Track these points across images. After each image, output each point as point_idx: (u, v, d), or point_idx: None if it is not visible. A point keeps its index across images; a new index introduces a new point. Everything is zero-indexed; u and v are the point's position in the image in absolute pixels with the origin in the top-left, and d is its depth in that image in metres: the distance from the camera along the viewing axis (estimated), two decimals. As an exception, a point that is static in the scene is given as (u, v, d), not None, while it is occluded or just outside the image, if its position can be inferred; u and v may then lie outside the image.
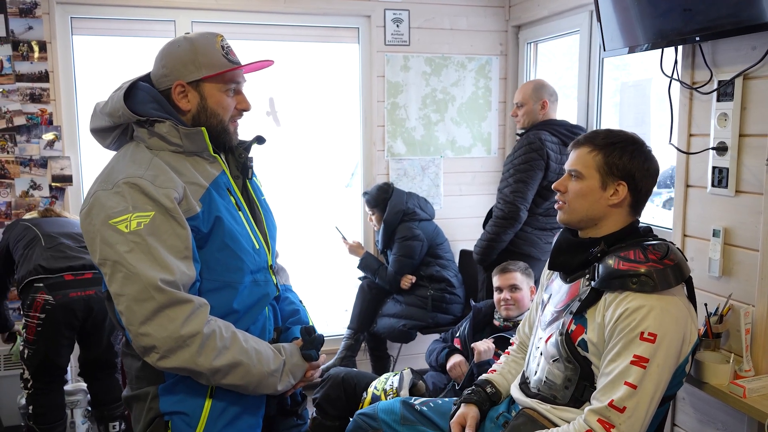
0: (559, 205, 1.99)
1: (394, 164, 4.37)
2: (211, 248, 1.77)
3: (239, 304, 1.82)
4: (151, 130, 1.76)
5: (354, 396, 3.08)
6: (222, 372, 1.68)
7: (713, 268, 2.44)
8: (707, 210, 2.49)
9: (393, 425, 2.28)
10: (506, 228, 3.43)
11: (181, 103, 1.80)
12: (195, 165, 1.80)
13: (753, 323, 2.30)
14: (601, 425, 1.71)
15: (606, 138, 1.92)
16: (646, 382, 1.71)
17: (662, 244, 1.87)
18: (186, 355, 1.63)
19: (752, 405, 2.12)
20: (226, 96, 1.83)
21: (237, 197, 1.88)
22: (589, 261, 1.93)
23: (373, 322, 4.17)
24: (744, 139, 2.32)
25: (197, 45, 1.79)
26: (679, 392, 2.65)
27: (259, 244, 1.90)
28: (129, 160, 1.74)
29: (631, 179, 1.89)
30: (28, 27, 3.58)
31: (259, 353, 1.76)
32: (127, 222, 1.61)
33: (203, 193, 1.76)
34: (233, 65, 1.82)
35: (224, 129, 1.85)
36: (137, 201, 1.64)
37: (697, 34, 2.32)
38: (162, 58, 1.82)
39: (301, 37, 4.21)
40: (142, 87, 1.79)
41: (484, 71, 4.47)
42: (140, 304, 1.59)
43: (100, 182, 1.72)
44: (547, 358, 1.95)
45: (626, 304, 1.76)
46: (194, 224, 1.71)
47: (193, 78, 1.78)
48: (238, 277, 1.81)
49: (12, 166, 3.64)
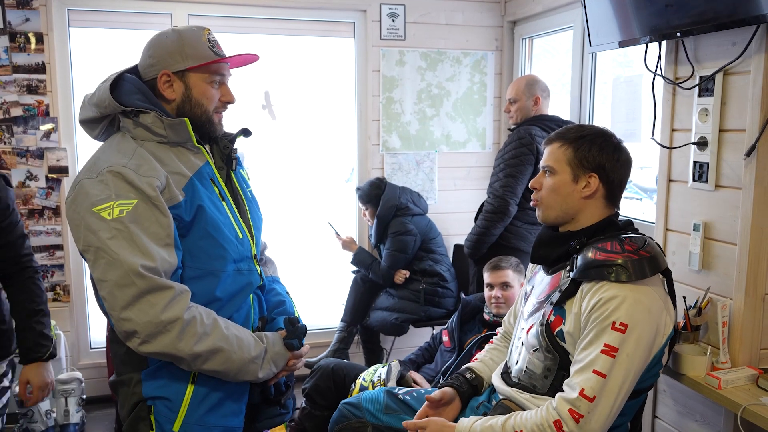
0: (534, 202, 2.03)
1: (389, 158, 4.39)
2: (193, 236, 1.80)
3: (222, 292, 1.85)
4: (136, 120, 1.80)
5: (343, 387, 3.11)
6: (202, 357, 1.71)
7: (693, 262, 2.46)
8: (688, 204, 2.51)
9: (376, 414, 2.31)
10: (496, 222, 3.46)
11: (166, 93, 1.84)
12: (179, 155, 1.84)
13: (730, 316, 2.32)
14: (571, 415, 1.73)
15: (576, 132, 1.96)
16: (615, 371, 1.72)
17: (640, 237, 1.90)
18: (166, 340, 1.66)
19: (727, 396, 2.14)
20: (210, 87, 1.87)
21: (221, 187, 1.92)
22: (569, 253, 1.96)
23: (366, 316, 4.20)
24: (724, 134, 2.34)
25: (184, 36, 1.84)
26: (659, 385, 2.69)
27: (243, 233, 1.93)
28: (114, 150, 1.78)
29: (602, 170, 1.92)
30: (25, 18, 3.61)
31: (240, 340, 1.79)
32: (110, 209, 1.65)
33: (186, 182, 1.80)
34: (217, 57, 1.86)
35: (208, 119, 1.89)
36: (120, 189, 1.67)
37: (678, 30, 2.34)
38: (149, 48, 1.87)
39: (296, 31, 4.23)
40: (128, 78, 1.84)
41: (480, 66, 4.49)
42: (121, 290, 1.63)
43: (85, 171, 1.75)
44: (528, 348, 1.98)
45: (601, 294, 1.79)
46: (177, 212, 1.75)
47: (179, 68, 1.82)
48: (221, 265, 1.84)
49: (9, 156, 3.68)
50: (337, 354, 4.14)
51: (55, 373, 3.64)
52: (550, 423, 1.76)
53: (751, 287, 2.28)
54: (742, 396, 2.14)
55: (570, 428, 1.73)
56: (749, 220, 2.24)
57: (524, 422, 1.81)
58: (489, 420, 1.90)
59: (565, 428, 1.74)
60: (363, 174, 4.40)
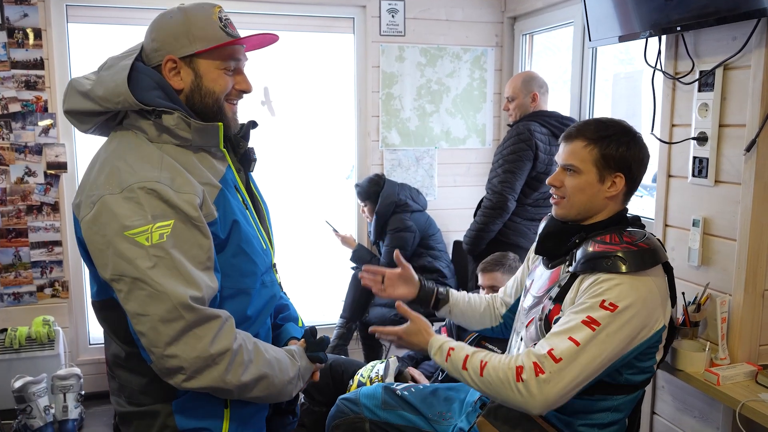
0: (556, 200, 1.98)
1: (389, 155, 4.38)
2: (226, 254, 1.62)
3: (252, 310, 1.69)
4: (157, 122, 1.56)
5: (341, 383, 3.10)
6: (249, 386, 1.57)
7: (692, 258, 2.46)
8: (688, 200, 2.50)
9: (374, 410, 2.31)
10: (495, 218, 3.45)
11: (173, 81, 1.60)
12: (202, 161, 1.62)
13: (729, 312, 2.32)
14: (534, 367, 1.70)
15: (598, 130, 1.90)
16: (591, 345, 1.69)
17: (639, 231, 1.89)
18: (215, 374, 1.50)
19: (725, 392, 2.14)
20: (224, 74, 1.63)
21: (243, 194, 1.73)
22: (569, 248, 1.95)
23: (365, 312, 4.19)
24: (723, 130, 2.33)
25: (191, 16, 1.60)
26: (658, 381, 2.69)
27: (265, 242, 1.76)
28: (136, 158, 1.53)
29: (628, 170, 1.89)
30: (24, 14, 3.60)
31: (279, 362, 1.65)
32: (147, 234, 1.44)
33: (217, 194, 1.59)
34: (230, 38, 1.62)
35: (219, 110, 1.65)
36: (156, 209, 1.45)
37: (678, 24, 2.33)
38: (152, 30, 1.63)
39: (296, 27, 4.21)
40: (143, 69, 1.59)
41: (480, 62, 4.47)
42: (168, 325, 1.44)
43: (104, 184, 1.49)
44: (527, 343, 1.97)
45: (596, 276, 1.78)
46: (213, 230, 1.55)
47: (186, 53, 1.58)
48: (252, 282, 1.68)
49: (7, 152, 3.67)
50: (336, 350, 4.13)
51: (54, 369, 3.66)
52: (511, 366, 1.74)
53: (751, 283, 2.27)
54: (740, 392, 2.13)
55: (527, 377, 1.70)
56: (749, 216, 2.23)
57: (490, 358, 1.80)
58: (462, 344, 1.91)
59: (524, 375, 1.71)
60: (362, 170, 4.39)
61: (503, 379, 1.74)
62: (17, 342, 3.64)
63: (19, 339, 3.64)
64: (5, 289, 3.76)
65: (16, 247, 3.76)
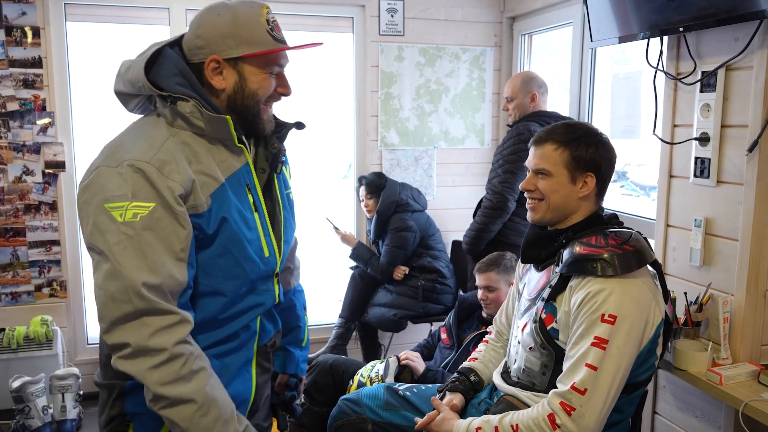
0: (533, 204, 2.01)
1: (388, 154, 4.38)
2: (212, 252, 1.58)
3: (225, 314, 1.65)
4: (173, 108, 1.55)
5: (342, 383, 3.11)
6: (166, 402, 1.46)
7: (694, 258, 2.46)
8: (689, 200, 2.51)
9: (376, 410, 2.31)
10: (494, 218, 3.45)
11: (214, 81, 1.58)
12: (216, 153, 1.60)
13: (731, 312, 2.32)
14: (562, 407, 1.74)
15: (567, 133, 1.96)
16: (607, 363, 1.73)
17: (625, 232, 1.92)
18: (141, 366, 1.44)
19: (728, 392, 2.14)
20: (268, 77, 1.61)
21: (256, 195, 1.68)
22: (556, 249, 1.97)
23: (364, 312, 4.19)
24: (725, 130, 2.33)
25: (240, 16, 1.56)
26: (659, 380, 2.69)
27: (270, 250, 1.70)
28: (141, 138, 1.54)
29: (597, 170, 1.94)
30: (22, 12, 3.58)
31: (218, 407, 1.52)
32: (122, 211, 1.44)
33: (216, 188, 1.56)
34: (279, 45, 1.59)
35: (258, 113, 1.64)
36: (138, 188, 1.45)
37: (680, 25, 2.34)
38: (198, 26, 1.58)
39: (294, 26, 4.20)
40: (170, 56, 1.57)
41: (479, 62, 4.47)
42: (116, 305, 1.43)
43: (105, 156, 1.52)
44: (524, 347, 1.99)
45: (588, 288, 1.80)
46: (198, 222, 1.53)
47: (232, 55, 1.56)
48: (234, 286, 1.63)
49: (5, 151, 3.65)
50: (335, 350, 4.13)
51: (52, 368, 3.64)
52: (544, 417, 1.76)
53: (753, 283, 2.28)
54: (743, 392, 2.14)
55: (563, 420, 1.73)
56: (751, 216, 2.24)
57: (520, 418, 1.82)
58: (486, 416, 1.92)
59: (558, 421, 1.74)
60: (361, 170, 4.38)
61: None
62: (15, 342, 3.62)
63: (17, 339, 3.63)
64: (3, 289, 3.74)
65: (13, 247, 3.74)
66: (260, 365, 1.81)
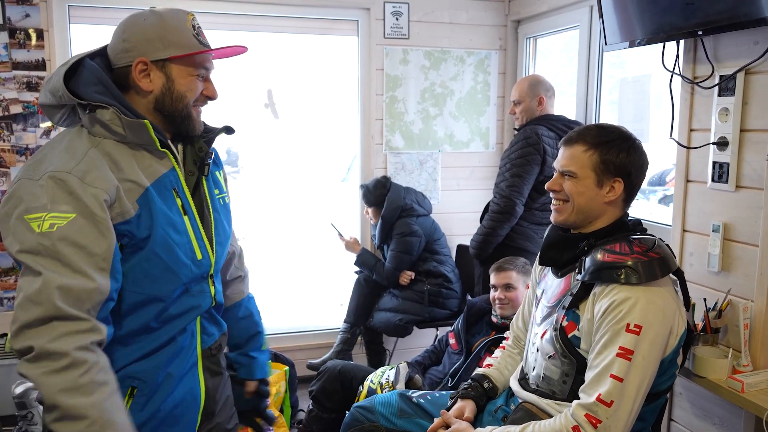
0: (558, 206, 1.97)
1: (392, 158, 4.35)
2: (142, 257, 1.59)
3: (159, 317, 1.65)
4: (92, 116, 1.56)
5: (350, 389, 3.08)
6: (58, 413, 1.39)
7: (712, 263, 2.44)
8: (707, 205, 2.49)
9: (390, 418, 2.27)
10: (502, 222, 3.43)
11: (142, 83, 1.61)
12: (139, 159, 1.61)
13: (752, 318, 2.30)
14: (588, 420, 1.71)
15: (599, 135, 1.91)
16: (632, 374, 1.70)
17: (649, 239, 1.88)
18: (40, 369, 1.39)
19: (750, 400, 2.12)
20: (196, 80, 1.66)
21: (184, 198, 1.69)
22: (577, 255, 1.94)
23: (369, 316, 4.16)
24: (745, 134, 2.32)
25: (166, 21, 1.61)
26: (675, 387, 2.67)
27: (203, 252, 1.71)
28: (63, 149, 1.55)
29: (627, 176, 1.90)
30: (25, 14, 3.55)
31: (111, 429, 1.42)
32: (40, 222, 1.44)
33: (141, 193, 1.58)
34: (204, 48, 1.66)
35: (188, 115, 1.68)
36: (57, 199, 1.46)
37: (699, 29, 2.32)
38: (124, 31, 1.62)
39: (299, 29, 4.18)
40: (89, 66, 1.59)
41: (483, 66, 4.46)
42: (30, 307, 1.41)
43: (28, 168, 1.54)
44: (543, 355, 1.95)
45: (612, 296, 1.77)
46: (127, 229, 1.54)
47: (159, 57, 1.60)
48: (167, 290, 1.64)
49: (8, 154, 3.61)
50: (340, 355, 4.10)
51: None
52: (568, 429, 1.73)
53: (773, 289, 2.26)
54: (766, 399, 2.12)
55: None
56: (771, 221, 2.22)
57: (542, 429, 1.79)
58: (506, 427, 1.88)
59: None
60: (366, 173, 4.36)
61: None
62: (18, 348, 3.57)
63: (20, 345, 3.58)
64: (5, 293, 3.70)
65: (16, 251, 3.69)
66: (208, 369, 1.81)
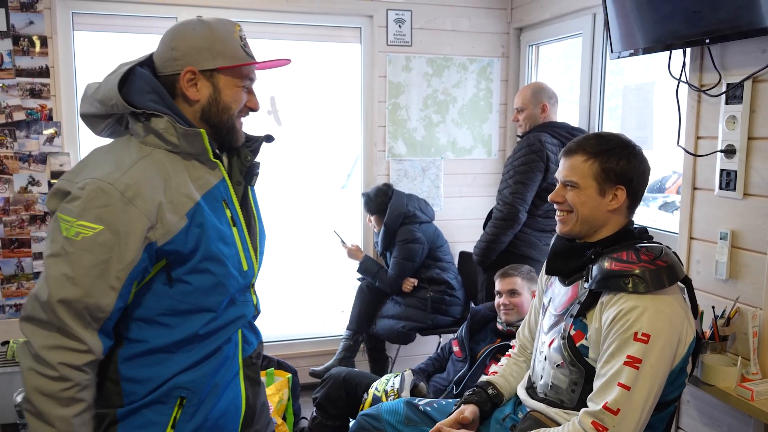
0: (562, 216, 1.97)
1: (395, 165, 4.35)
2: (189, 269, 1.59)
3: (207, 327, 1.65)
4: (146, 125, 1.56)
5: (355, 396, 3.07)
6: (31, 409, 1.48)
7: (720, 271, 2.44)
8: (714, 212, 2.49)
9: (397, 426, 2.27)
10: (505, 229, 3.42)
11: (189, 92, 1.61)
12: (191, 170, 1.61)
13: (760, 326, 2.30)
14: (595, 427, 1.71)
15: (598, 144, 1.91)
16: (640, 383, 1.70)
17: (656, 246, 1.88)
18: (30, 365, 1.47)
19: (760, 408, 2.12)
20: (241, 91, 1.66)
21: (233, 210, 1.69)
22: (584, 264, 1.93)
23: (372, 323, 4.15)
24: (753, 142, 2.32)
25: (216, 31, 1.61)
26: (683, 395, 2.66)
27: (249, 263, 1.72)
28: (111, 158, 1.55)
29: (629, 183, 1.90)
30: (29, 22, 3.54)
31: None
32: (68, 225, 1.46)
33: (191, 207, 1.57)
34: (251, 59, 1.66)
35: (233, 126, 1.67)
36: (90, 208, 1.46)
37: (706, 37, 2.32)
38: (172, 39, 1.62)
39: (303, 37, 4.19)
40: (141, 74, 1.59)
41: (486, 73, 4.46)
42: (38, 306, 1.46)
43: (70, 173, 1.56)
44: (551, 363, 1.95)
45: (620, 305, 1.76)
46: (173, 248, 1.54)
47: (207, 66, 1.60)
48: (216, 302, 1.64)
49: (11, 161, 3.60)
50: (343, 362, 4.09)
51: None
52: None
53: (782, 297, 2.26)
54: (776, 407, 2.11)
55: None
56: (780, 230, 2.22)
57: None
58: None
59: None
60: (369, 180, 4.36)
61: None
62: (20, 355, 3.56)
63: (22, 352, 3.57)
64: (7, 301, 3.68)
65: (18, 258, 3.68)
66: (248, 377, 1.81)
